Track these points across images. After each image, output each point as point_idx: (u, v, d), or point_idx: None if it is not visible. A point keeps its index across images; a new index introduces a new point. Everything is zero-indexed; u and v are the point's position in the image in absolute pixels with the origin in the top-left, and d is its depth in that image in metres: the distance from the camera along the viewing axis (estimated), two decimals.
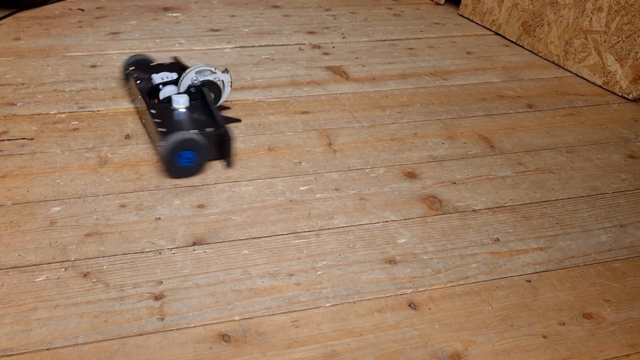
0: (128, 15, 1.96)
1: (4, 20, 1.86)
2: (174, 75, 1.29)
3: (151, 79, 1.29)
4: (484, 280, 0.88)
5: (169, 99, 1.21)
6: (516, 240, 0.97)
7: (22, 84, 1.43)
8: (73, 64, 1.56)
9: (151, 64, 1.39)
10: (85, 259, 0.89)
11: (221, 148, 1.13)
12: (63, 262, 0.88)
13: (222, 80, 1.28)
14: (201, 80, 1.24)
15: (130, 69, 1.36)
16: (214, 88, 1.26)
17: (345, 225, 0.99)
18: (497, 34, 1.92)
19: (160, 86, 1.24)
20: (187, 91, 1.23)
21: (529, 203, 1.07)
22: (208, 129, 1.13)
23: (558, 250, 0.95)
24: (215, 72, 1.25)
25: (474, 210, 1.04)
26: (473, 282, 0.88)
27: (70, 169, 1.10)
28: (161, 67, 1.36)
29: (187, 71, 1.23)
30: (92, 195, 1.03)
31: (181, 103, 1.20)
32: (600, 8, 1.54)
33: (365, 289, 0.86)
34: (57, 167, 1.11)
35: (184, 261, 0.89)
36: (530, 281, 0.89)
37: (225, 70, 1.28)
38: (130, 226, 0.96)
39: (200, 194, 1.05)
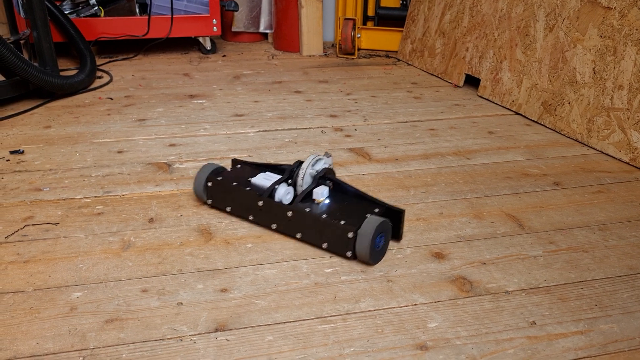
0: (155, 103, 2.02)
1: (36, 110, 1.93)
2: (273, 175, 1.22)
3: (252, 184, 1.21)
4: None
5: (309, 194, 1.16)
6: (554, 324, 0.92)
7: (50, 170, 1.46)
8: (100, 150, 1.59)
9: (231, 169, 1.30)
10: (104, 347, 0.86)
11: (397, 225, 1.12)
12: (81, 350, 0.85)
13: (331, 164, 1.25)
14: (321, 169, 1.19)
15: (219, 178, 1.24)
16: (332, 173, 1.21)
17: (372, 309, 0.95)
18: (517, 113, 1.93)
19: (276, 186, 1.17)
20: (321, 183, 1.18)
21: (564, 284, 1.02)
22: (385, 208, 1.12)
23: (600, 333, 0.90)
24: (323, 158, 1.22)
25: (507, 292, 1.00)
26: None
27: (93, 254, 1.10)
28: (246, 171, 1.28)
29: (304, 165, 1.18)
30: (114, 280, 1.02)
31: (324, 195, 1.15)
32: (621, 86, 1.54)
33: None
34: (80, 251, 1.10)
35: (205, 349, 0.86)
36: None
37: (327, 154, 1.24)
38: (151, 312, 0.93)
39: (224, 277, 1.03)
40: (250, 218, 1.19)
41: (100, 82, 2.29)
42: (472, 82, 2.24)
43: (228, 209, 1.22)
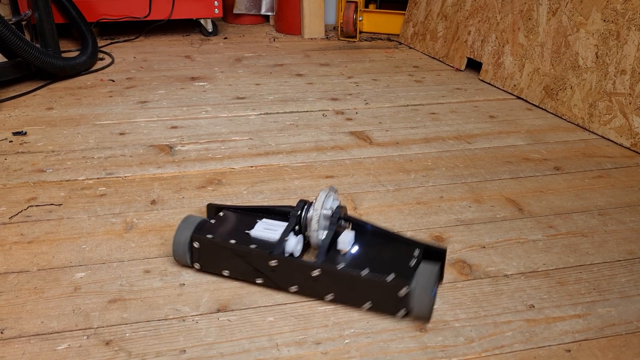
0: (157, 85, 2.02)
1: (38, 91, 1.93)
2: (275, 222, 1.02)
3: (253, 238, 0.98)
4: (521, 350, 0.84)
5: (333, 244, 0.96)
6: (552, 307, 0.93)
7: (53, 151, 1.46)
8: (102, 132, 1.59)
9: (215, 221, 1.03)
10: (108, 326, 0.87)
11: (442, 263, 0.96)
12: (85, 329, 0.86)
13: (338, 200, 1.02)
14: (336, 207, 0.98)
15: (208, 236, 0.97)
16: (345, 211, 1.01)
17: None
18: (519, 98, 1.93)
19: (285, 238, 0.96)
20: (339, 226, 0.98)
21: (563, 268, 1.03)
22: (424, 248, 0.95)
23: (597, 317, 0.91)
24: (332, 194, 1.00)
25: (506, 275, 1.01)
26: (509, 352, 0.84)
27: (96, 235, 1.11)
28: (235, 219, 1.04)
29: (317, 206, 0.96)
30: (117, 260, 1.03)
31: (351, 242, 0.97)
32: (624, 71, 1.54)
33: (396, 359, 0.82)
34: (83, 232, 1.11)
35: (207, 329, 0.87)
36: (569, 351, 0.84)
37: (333, 188, 1.01)
38: (154, 292, 0.95)
39: None
40: (259, 281, 0.96)
41: (102, 64, 2.29)
42: (473, 66, 2.23)
43: (226, 272, 0.97)
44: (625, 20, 1.55)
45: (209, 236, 0.97)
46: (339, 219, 0.98)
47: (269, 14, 3.12)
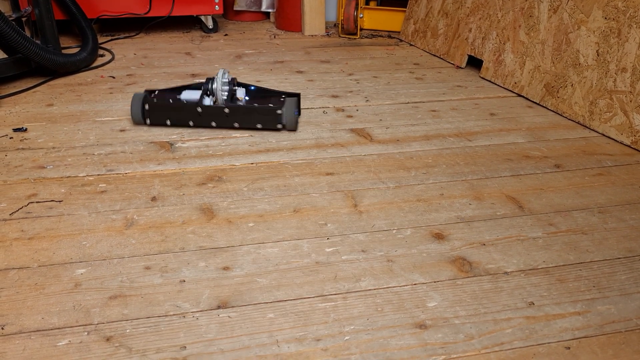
0: (157, 82, 2.02)
1: (38, 88, 1.93)
2: (195, 90, 1.63)
3: (183, 99, 1.62)
4: (520, 347, 0.84)
5: (232, 99, 1.60)
6: (552, 304, 0.93)
7: (53, 148, 1.46)
8: (103, 128, 1.59)
9: (154, 95, 1.66)
10: (108, 323, 0.87)
11: (298, 104, 1.64)
12: (86, 325, 0.86)
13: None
14: (229, 78, 1.59)
15: (155, 100, 1.59)
16: (235, 79, 1.64)
17: (372, 288, 0.96)
18: (519, 95, 1.93)
19: (204, 96, 1.60)
20: (230, 90, 1.60)
21: (563, 265, 1.03)
22: (287, 94, 1.66)
23: (597, 314, 0.91)
24: (226, 71, 1.60)
25: (506, 273, 1.01)
26: (509, 349, 0.84)
27: (96, 231, 1.11)
28: (168, 93, 1.66)
29: (218, 77, 1.56)
30: (117, 257, 1.03)
31: (244, 94, 1.63)
32: (624, 69, 1.54)
33: (396, 356, 0.82)
34: (83, 229, 1.11)
35: (208, 325, 0.87)
36: (569, 348, 0.84)
37: (225, 70, 1.60)
38: (154, 289, 0.95)
39: (226, 256, 1.04)
40: (191, 123, 1.57)
41: (102, 60, 2.29)
42: (474, 63, 2.23)
43: (168, 122, 1.57)
44: (626, 18, 1.55)
45: (155, 100, 1.57)
46: (233, 83, 1.61)
47: (270, 10, 3.11)
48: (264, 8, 3.10)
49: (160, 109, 1.57)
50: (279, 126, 1.55)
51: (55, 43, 2.07)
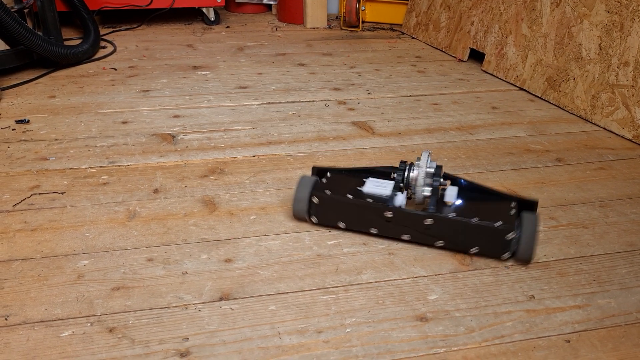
0: (159, 74, 2.02)
1: (40, 79, 1.93)
2: (383, 180, 1.14)
3: (366, 194, 1.10)
4: (521, 340, 0.85)
5: (437, 200, 1.08)
6: (552, 298, 0.94)
7: (56, 140, 1.47)
8: (105, 120, 1.60)
9: (327, 181, 1.16)
10: (111, 314, 0.88)
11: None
12: (89, 316, 0.87)
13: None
14: (435, 167, 1.10)
15: (327, 191, 1.10)
16: (441, 168, 1.12)
17: (374, 280, 0.97)
18: (521, 89, 1.92)
19: (396, 193, 1.09)
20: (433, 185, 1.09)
21: (564, 259, 1.04)
22: (519, 201, 1.07)
23: (597, 308, 0.92)
24: (430, 153, 1.13)
25: (507, 266, 1.01)
26: (509, 342, 0.84)
27: (99, 223, 1.11)
28: (345, 179, 1.16)
29: (422, 164, 1.09)
30: (120, 249, 1.03)
31: (455, 195, 1.09)
32: (627, 63, 1.54)
33: (397, 348, 0.83)
34: (86, 220, 1.12)
35: (210, 317, 0.88)
36: (569, 341, 0.85)
37: (429, 151, 1.14)
38: (157, 280, 0.95)
39: (228, 248, 1.04)
40: (374, 231, 1.08)
41: (104, 52, 2.28)
42: (476, 56, 2.23)
43: (342, 224, 1.09)
44: (629, 12, 1.55)
45: (327, 192, 1.09)
46: (439, 176, 1.09)
47: (272, 2, 3.11)
48: (265, 0, 3.09)
49: (331, 206, 1.09)
50: (506, 255, 1.02)
51: (57, 35, 2.07)
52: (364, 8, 2.84)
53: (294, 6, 2.87)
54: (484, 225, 1.01)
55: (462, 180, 1.13)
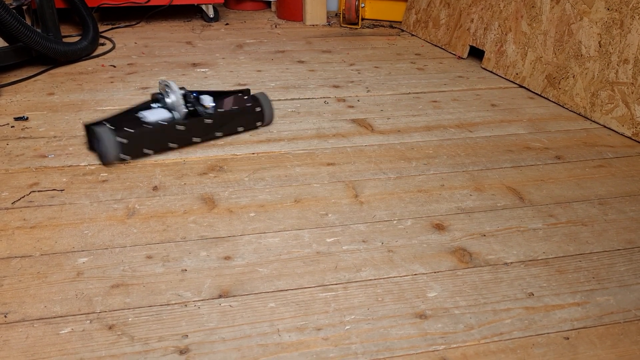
0: (158, 71, 2.02)
1: (39, 77, 1.93)
2: (155, 110, 1.41)
3: (152, 122, 1.37)
4: (519, 337, 0.85)
5: (195, 110, 1.41)
6: (551, 295, 0.94)
7: (55, 137, 1.46)
8: None
9: (109, 128, 1.32)
10: (110, 311, 0.88)
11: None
12: (88, 313, 0.87)
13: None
14: (183, 91, 1.42)
15: (130, 130, 1.33)
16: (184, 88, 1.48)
17: (373, 278, 0.97)
18: (521, 86, 1.92)
19: (172, 112, 1.41)
20: (189, 96, 1.43)
21: (563, 256, 1.04)
22: (248, 90, 1.57)
23: (596, 305, 0.92)
24: (169, 82, 1.44)
25: (506, 264, 1.01)
26: (508, 339, 0.84)
27: (98, 220, 1.11)
28: (124, 119, 1.38)
29: (174, 90, 1.39)
30: (119, 246, 1.03)
31: (211, 100, 1.44)
32: (626, 60, 1.54)
33: (396, 345, 0.83)
34: (85, 218, 1.12)
35: (209, 314, 0.88)
36: (568, 338, 0.85)
37: (164, 80, 1.46)
38: (156, 278, 0.95)
39: (227, 245, 1.04)
40: (174, 146, 1.37)
41: (103, 49, 2.28)
42: (476, 54, 2.22)
43: (149, 151, 1.34)
44: (629, 9, 1.54)
45: (130, 130, 1.30)
46: (190, 92, 1.43)
47: (271, 0, 3.10)
48: None
49: (139, 138, 1.32)
50: (258, 124, 1.51)
51: (56, 31, 2.06)
52: (363, 5, 2.83)
53: (294, 3, 2.87)
54: (244, 107, 1.46)
55: (197, 92, 1.46)
